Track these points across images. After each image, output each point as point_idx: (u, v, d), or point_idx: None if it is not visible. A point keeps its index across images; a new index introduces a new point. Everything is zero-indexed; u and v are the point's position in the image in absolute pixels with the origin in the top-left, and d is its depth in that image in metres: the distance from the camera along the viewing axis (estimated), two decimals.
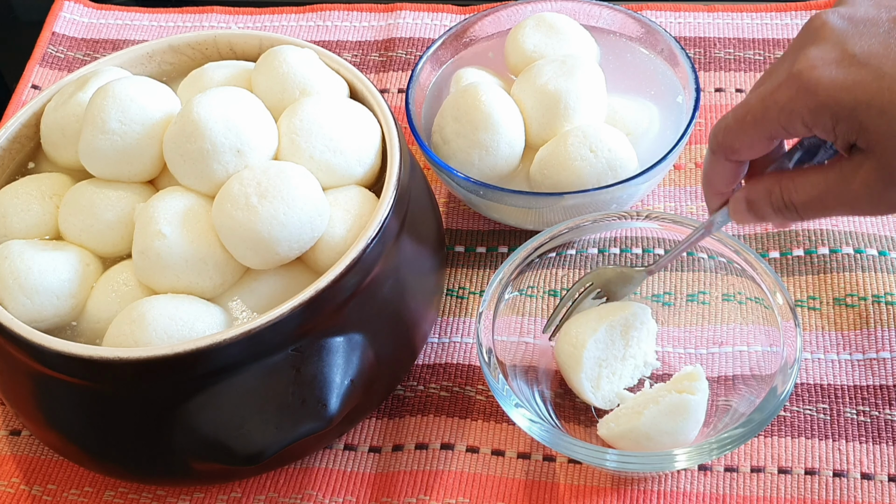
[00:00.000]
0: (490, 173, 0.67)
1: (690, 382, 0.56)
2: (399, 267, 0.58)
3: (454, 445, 0.61)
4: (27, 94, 0.85)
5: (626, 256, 0.65)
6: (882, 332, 0.63)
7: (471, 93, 0.67)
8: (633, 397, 0.58)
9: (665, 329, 0.64)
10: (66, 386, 0.53)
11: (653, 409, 0.55)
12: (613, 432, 0.56)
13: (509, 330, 0.61)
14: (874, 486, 0.57)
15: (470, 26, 0.75)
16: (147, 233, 0.55)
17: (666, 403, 0.55)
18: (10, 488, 0.61)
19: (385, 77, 0.83)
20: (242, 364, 0.51)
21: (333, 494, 0.60)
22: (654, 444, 0.55)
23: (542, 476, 0.59)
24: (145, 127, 0.58)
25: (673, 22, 0.84)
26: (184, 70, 0.68)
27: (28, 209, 0.60)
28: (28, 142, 0.65)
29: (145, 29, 0.90)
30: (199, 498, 0.60)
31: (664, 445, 0.55)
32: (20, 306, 0.55)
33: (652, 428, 0.55)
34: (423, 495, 0.59)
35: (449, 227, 0.72)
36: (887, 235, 0.68)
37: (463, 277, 0.69)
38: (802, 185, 0.48)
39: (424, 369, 0.65)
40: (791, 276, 0.67)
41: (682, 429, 0.55)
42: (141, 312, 0.54)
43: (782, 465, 0.58)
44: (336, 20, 0.88)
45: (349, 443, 0.62)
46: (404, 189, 0.58)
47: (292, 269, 0.58)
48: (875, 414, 0.60)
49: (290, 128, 0.58)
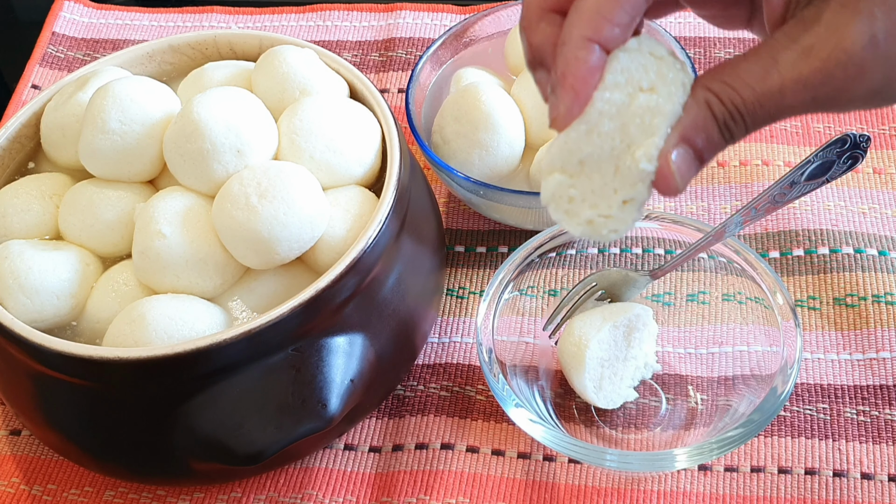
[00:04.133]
0: (490, 173, 0.67)
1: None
2: (399, 267, 0.58)
3: (454, 445, 0.61)
4: (27, 94, 0.85)
5: (626, 256, 0.66)
6: (882, 332, 0.63)
7: (471, 93, 0.67)
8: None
9: (665, 329, 0.64)
10: (66, 386, 0.53)
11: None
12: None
13: (509, 330, 0.61)
14: (874, 486, 0.57)
15: (470, 26, 0.75)
16: (147, 233, 0.55)
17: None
18: (10, 488, 0.61)
19: (385, 77, 0.83)
20: (242, 364, 0.51)
21: (333, 494, 0.60)
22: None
23: (542, 476, 0.59)
24: (145, 127, 0.58)
25: (673, 22, 0.84)
26: (184, 70, 0.68)
27: (28, 209, 0.60)
28: (28, 142, 0.65)
29: (145, 29, 0.90)
30: (199, 498, 0.60)
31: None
32: (20, 306, 0.55)
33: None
34: (423, 495, 0.59)
35: (449, 227, 0.72)
36: (887, 235, 0.68)
37: (463, 277, 0.70)
38: (747, 74, 0.36)
39: (424, 369, 0.65)
40: (791, 276, 0.67)
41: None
42: (141, 312, 0.54)
43: (782, 465, 0.58)
44: (336, 20, 0.88)
45: (349, 443, 0.62)
46: (404, 189, 0.58)
47: (292, 269, 0.58)
48: (875, 414, 0.60)
49: (290, 128, 0.58)
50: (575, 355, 0.59)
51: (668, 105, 0.39)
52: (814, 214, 0.69)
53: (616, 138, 0.40)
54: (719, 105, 0.36)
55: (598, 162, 0.40)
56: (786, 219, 0.69)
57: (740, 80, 0.35)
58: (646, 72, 0.39)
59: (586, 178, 0.41)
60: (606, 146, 0.40)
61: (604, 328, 0.59)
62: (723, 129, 0.36)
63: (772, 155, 0.74)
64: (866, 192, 0.71)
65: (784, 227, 0.69)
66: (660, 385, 0.62)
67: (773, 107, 0.35)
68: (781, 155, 0.74)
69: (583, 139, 0.40)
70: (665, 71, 0.39)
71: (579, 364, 0.59)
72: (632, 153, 0.39)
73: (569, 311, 0.61)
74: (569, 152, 0.41)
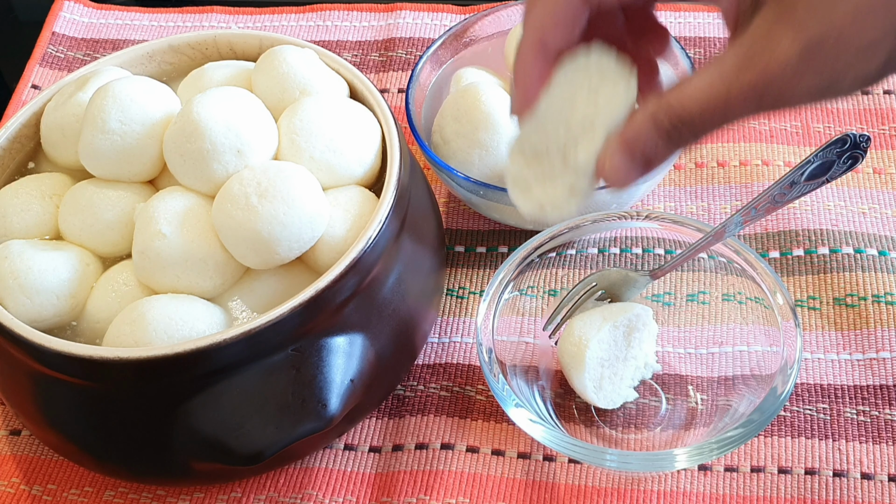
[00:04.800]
0: (490, 173, 0.67)
1: None
2: (399, 267, 0.58)
3: (454, 445, 0.61)
4: (27, 94, 0.85)
5: (626, 256, 0.66)
6: (882, 332, 0.63)
7: (471, 93, 0.67)
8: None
9: (665, 329, 0.64)
10: (66, 386, 0.53)
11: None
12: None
13: (509, 330, 0.61)
14: (874, 486, 0.57)
15: (470, 26, 0.75)
16: (147, 233, 0.55)
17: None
18: (10, 488, 0.61)
19: (385, 77, 0.83)
20: (242, 364, 0.51)
21: (333, 494, 0.60)
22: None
23: (542, 476, 0.59)
24: (145, 127, 0.58)
25: (673, 22, 0.84)
26: (184, 70, 0.68)
27: (28, 209, 0.60)
28: (28, 142, 0.65)
29: (145, 29, 0.90)
30: (199, 498, 0.60)
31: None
32: (20, 306, 0.55)
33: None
34: (423, 495, 0.59)
35: (449, 227, 0.72)
36: (887, 235, 0.68)
37: (463, 277, 0.70)
38: (693, 88, 0.38)
39: (424, 369, 0.65)
40: (791, 276, 0.67)
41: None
42: (141, 312, 0.54)
43: (782, 465, 0.58)
44: (336, 20, 0.88)
45: (349, 443, 0.62)
46: (404, 189, 0.58)
47: (292, 269, 0.58)
48: (875, 414, 0.60)
49: (290, 128, 0.58)
50: (575, 355, 0.59)
51: (608, 108, 0.44)
52: (814, 214, 0.69)
53: (561, 133, 0.45)
54: (665, 116, 0.39)
55: (547, 152, 0.46)
56: (786, 219, 0.69)
57: (687, 92, 0.38)
58: (589, 78, 0.45)
59: (538, 165, 0.46)
60: (553, 139, 0.45)
61: (604, 328, 0.59)
62: (667, 137, 0.39)
63: (772, 155, 0.74)
64: (866, 192, 0.71)
65: (784, 227, 0.69)
66: (660, 385, 0.62)
67: (719, 115, 0.37)
68: (781, 155, 0.74)
69: (534, 131, 0.46)
70: (610, 77, 0.44)
71: (579, 364, 0.59)
72: (574, 149, 0.45)
73: (569, 311, 0.61)
74: (526, 141, 0.46)
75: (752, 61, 0.36)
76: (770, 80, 0.36)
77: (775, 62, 0.35)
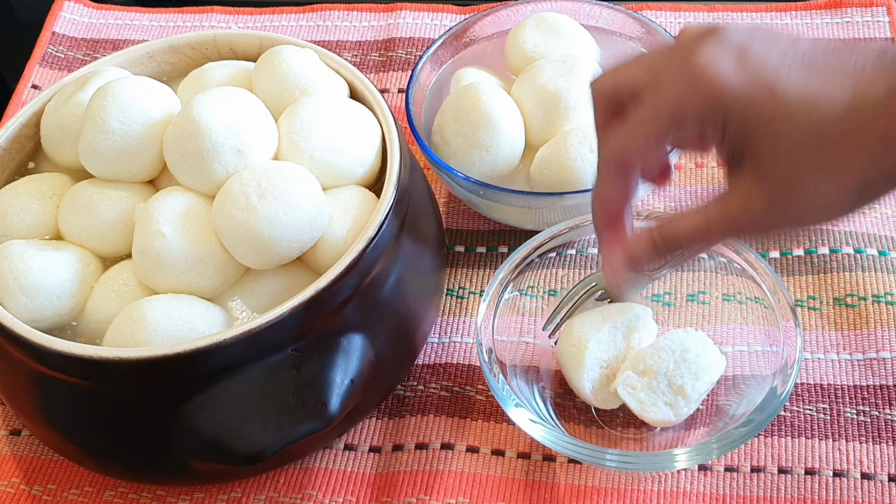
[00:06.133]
0: (490, 173, 0.67)
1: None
2: (399, 267, 0.58)
3: (454, 445, 0.61)
4: (27, 94, 0.85)
5: None
6: (882, 332, 0.63)
7: (471, 93, 0.67)
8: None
9: (665, 329, 0.63)
10: (66, 386, 0.53)
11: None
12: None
13: (509, 330, 0.61)
14: (874, 486, 0.57)
15: (470, 26, 0.75)
16: (147, 233, 0.55)
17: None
18: (10, 488, 0.61)
19: (385, 77, 0.83)
20: (242, 364, 0.51)
21: (333, 494, 0.60)
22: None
23: (542, 476, 0.59)
24: (145, 127, 0.58)
25: (673, 22, 0.84)
26: (184, 70, 0.68)
27: (28, 209, 0.60)
28: (28, 142, 0.65)
29: (145, 29, 0.90)
30: (199, 498, 0.60)
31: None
32: (20, 306, 0.55)
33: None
34: (423, 495, 0.59)
35: (449, 227, 0.72)
36: (887, 235, 0.68)
37: (463, 277, 0.69)
38: (683, 219, 0.48)
39: (424, 369, 0.65)
40: (791, 276, 0.67)
41: None
42: (141, 312, 0.54)
43: (782, 465, 0.58)
44: (336, 20, 0.88)
45: (349, 443, 0.62)
46: (404, 189, 0.58)
47: (292, 269, 0.58)
48: (875, 414, 0.60)
49: (290, 128, 0.58)
50: (574, 356, 0.59)
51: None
52: None
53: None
54: (658, 238, 0.49)
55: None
56: None
57: (677, 221, 0.48)
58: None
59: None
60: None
61: (603, 328, 0.59)
62: (657, 253, 0.49)
63: None
64: None
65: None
66: None
67: (701, 238, 0.48)
68: None
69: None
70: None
71: (578, 364, 0.59)
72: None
73: (569, 311, 0.61)
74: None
75: (729, 204, 0.46)
76: (741, 222, 0.46)
77: (746, 211, 0.45)
